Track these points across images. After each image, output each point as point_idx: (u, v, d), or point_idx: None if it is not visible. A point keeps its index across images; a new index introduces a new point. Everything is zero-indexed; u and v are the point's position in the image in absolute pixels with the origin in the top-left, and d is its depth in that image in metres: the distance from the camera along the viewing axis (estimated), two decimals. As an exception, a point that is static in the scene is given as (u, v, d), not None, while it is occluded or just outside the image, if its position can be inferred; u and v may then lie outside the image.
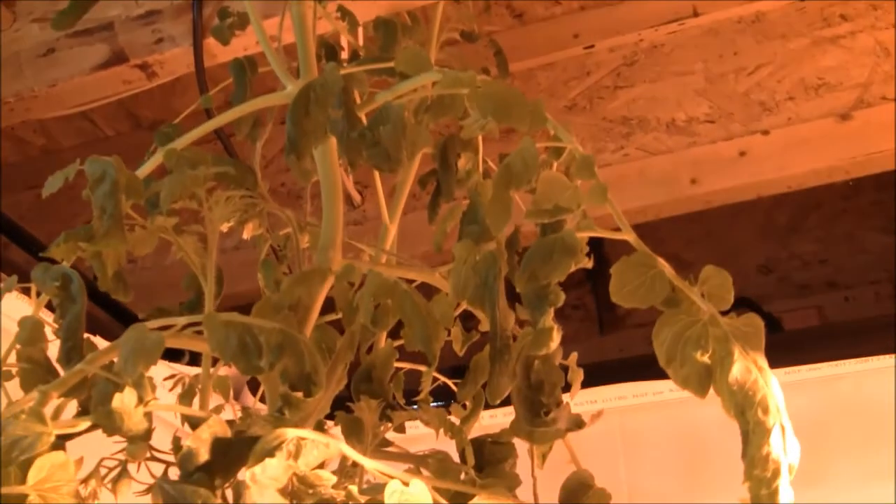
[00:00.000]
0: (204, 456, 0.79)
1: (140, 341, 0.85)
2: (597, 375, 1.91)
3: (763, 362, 0.79)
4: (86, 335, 1.00)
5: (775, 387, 0.78)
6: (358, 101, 1.09)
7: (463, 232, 1.02)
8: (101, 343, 1.49)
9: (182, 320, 0.91)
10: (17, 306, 1.21)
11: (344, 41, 1.53)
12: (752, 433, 0.76)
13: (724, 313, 0.84)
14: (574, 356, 1.09)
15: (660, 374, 0.82)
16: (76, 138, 2.62)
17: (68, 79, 1.76)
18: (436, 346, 0.93)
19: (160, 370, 1.55)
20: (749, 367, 0.78)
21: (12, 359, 1.02)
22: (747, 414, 0.76)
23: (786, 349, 1.97)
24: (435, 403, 1.19)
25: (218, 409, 1.26)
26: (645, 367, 2.00)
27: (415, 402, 1.17)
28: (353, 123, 0.94)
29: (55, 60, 1.79)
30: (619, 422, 2.11)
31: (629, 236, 0.87)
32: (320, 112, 0.94)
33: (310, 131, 0.94)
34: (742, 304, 2.66)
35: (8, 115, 1.85)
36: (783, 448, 0.76)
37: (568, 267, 0.84)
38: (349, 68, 1.00)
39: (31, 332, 1.02)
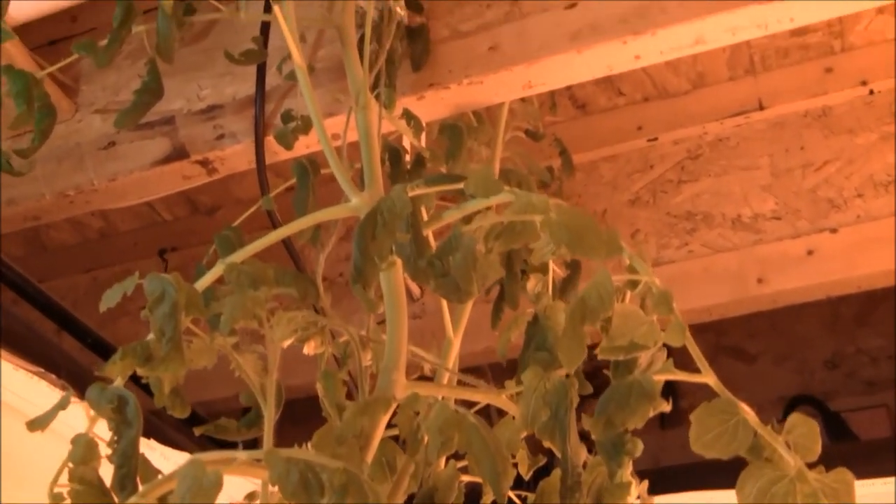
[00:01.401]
0: None
1: (197, 480, 0.81)
2: (660, 483, 1.85)
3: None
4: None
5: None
6: (425, 216, 1.06)
7: (531, 357, 0.99)
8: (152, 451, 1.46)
9: (242, 455, 0.88)
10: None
11: (407, 142, 1.51)
12: None
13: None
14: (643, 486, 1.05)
15: (727, 482, 0.78)
16: (134, 222, 2.62)
17: (128, 173, 1.75)
18: (505, 484, 0.89)
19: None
20: (840, 526, 0.73)
21: (64, 478, 0.99)
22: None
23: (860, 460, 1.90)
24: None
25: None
26: (711, 473, 1.94)
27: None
28: (421, 250, 0.91)
29: (116, 154, 1.78)
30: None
31: (710, 379, 0.83)
32: (388, 237, 0.91)
33: (377, 257, 0.92)
34: (806, 402, 2.59)
35: (67, 206, 1.85)
36: None
37: (646, 413, 0.80)
38: (417, 190, 0.97)
39: (84, 450, 1.00)
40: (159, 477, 0.90)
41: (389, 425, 1.05)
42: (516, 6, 1.58)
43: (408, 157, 1.48)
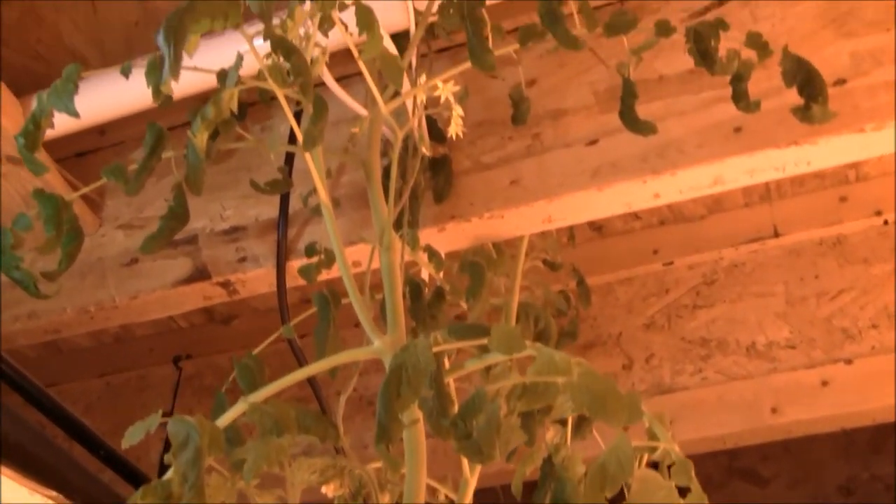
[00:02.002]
0: None
1: None
2: None
3: None
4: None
5: None
6: (446, 363, 1.08)
7: (549, 509, 0.99)
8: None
9: None
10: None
11: (427, 273, 1.53)
12: None
13: None
14: None
15: None
16: (150, 328, 2.63)
17: (150, 292, 1.77)
18: None
19: None
20: None
21: None
22: None
23: None
24: None
25: None
26: None
27: None
28: (444, 408, 0.92)
29: (138, 271, 1.80)
30: None
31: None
32: (412, 395, 0.92)
33: (401, 413, 0.93)
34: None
35: (88, 322, 1.86)
36: None
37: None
38: (443, 345, 0.98)
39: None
40: None
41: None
42: (538, 140, 1.61)
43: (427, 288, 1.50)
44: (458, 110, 1.33)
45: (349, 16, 1.21)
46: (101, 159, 2.01)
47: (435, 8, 1.51)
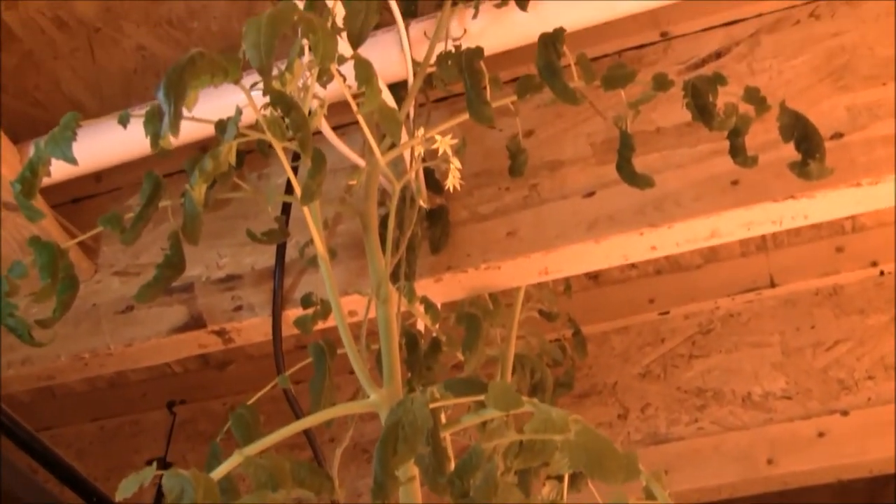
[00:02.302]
0: None
1: None
2: None
3: None
4: None
5: None
6: (442, 420, 1.07)
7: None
8: None
9: None
10: None
11: (423, 324, 1.52)
12: None
13: None
14: None
15: None
16: (144, 373, 2.62)
17: (145, 339, 1.77)
18: None
19: None
20: None
21: None
22: None
23: None
24: None
25: None
26: None
27: None
28: (441, 465, 0.92)
29: (133, 319, 1.80)
30: None
31: None
32: (409, 452, 0.92)
33: (397, 470, 0.92)
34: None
35: (82, 368, 1.86)
36: None
37: None
38: (440, 401, 0.98)
39: None
40: None
41: None
42: (535, 191, 1.61)
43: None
44: (455, 163, 1.33)
45: (347, 67, 1.22)
46: (97, 205, 2.01)
47: (433, 59, 1.51)
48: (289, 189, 1.67)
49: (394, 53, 1.55)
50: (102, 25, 1.90)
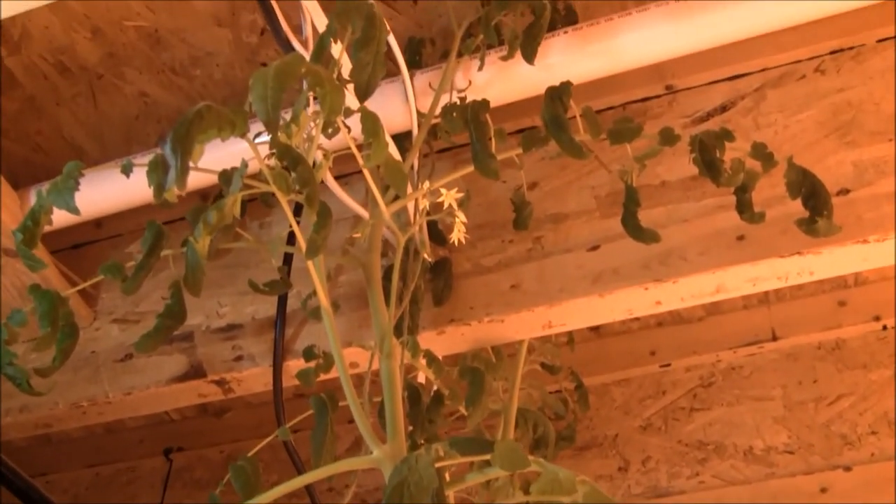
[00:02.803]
0: None
1: None
2: None
3: None
4: None
5: None
6: (447, 478, 1.06)
7: None
8: None
9: None
10: None
11: (425, 376, 1.51)
12: None
13: None
14: None
15: None
16: (141, 419, 2.60)
17: (144, 388, 1.75)
18: None
19: None
20: None
21: None
22: None
23: None
24: None
25: None
26: None
27: None
28: (446, 527, 0.90)
29: (132, 367, 1.78)
30: None
31: None
32: (413, 512, 0.91)
33: (401, 532, 0.91)
34: None
35: (80, 416, 1.84)
36: None
37: None
38: (445, 460, 0.97)
39: None
40: None
41: None
42: (539, 244, 1.60)
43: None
44: (461, 217, 1.32)
45: (352, 117, 1.21)
46: (97, 251, 2.00)
47: (438, 110, 1.51)
48: (291, 239, 1.66)
49: (398, 104, 1.55)
50: (105, 72, 1.90)
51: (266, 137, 1.11)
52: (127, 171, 1.27)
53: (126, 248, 1.98)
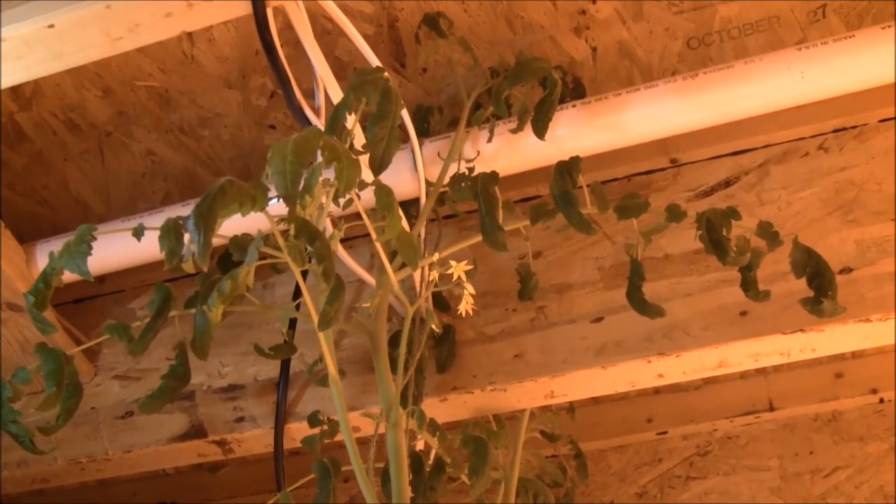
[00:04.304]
0: None
1: None
2: None
3: None
4: None
5: None
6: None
7: None
8: None
9: None
10: None
11: (424, 443, 1.51)
12: None
13: None
14: None
15: None
16: (135, 472, 2.59)
17: (144, 446, 1.75)
18: None
19: None
20: None
21: None
22: None
23: None
24: None
25: None
26: None
27: None
28: None
29: (133, 425, 1.78)
30: None
31: None
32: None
33: None
34: None
35: (78, 473, 1.84)
36: None
37: None
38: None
39: None
40: None
41: None
42: (542, 313, 1.61)
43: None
44: (469, 289, 1.33)
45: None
46: (99, 306, 2.00)
47: (446, 179, 1.52)
48: (296, 299, 1.67)
49: (406, 172, 1.57)
50: (113, 129, 1.91)
51: (277, 201, 1.11)
52: (139, 234, 1.28)
53: (128, 303, 1.98)
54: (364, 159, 1.25)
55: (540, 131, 1.47)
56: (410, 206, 1.61)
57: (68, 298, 2.01)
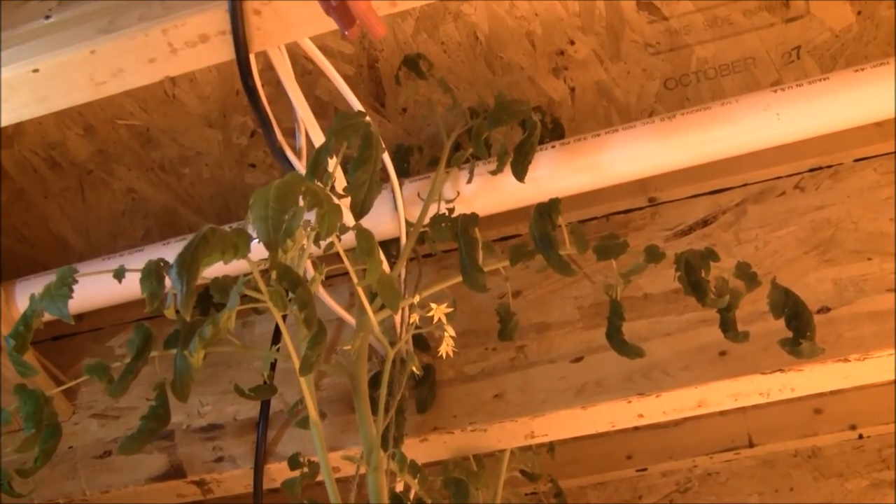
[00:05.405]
0: None
1: None
2: None
3: None
4: None
5: None
6: None
7: None
8: None
9: None
10: None
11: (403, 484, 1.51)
12: None
13: None
14: None
15: None
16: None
17: (122, 486, 1.74)
18: None
19: None
20: None
21: None
22: None
23: None
24: None
25: None
26: None
27: None
28: None
29: (111, 465, 1.78)
30: None
31: None
32: None
33: None
34: None
35: (56, 514, 1.83)
36: None
37: None
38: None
39: None
40: None
41: None
42: (522, 353, 1.62)
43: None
44: (450, 331, 1.33)
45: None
46: (77, 344, 2.00)
47: (427, 219, 1.53)
48: (275, 339, 1.67)
49: (386, 212, 1.57)
50: (94, 167, 1.91)
51: (258, 242, 1.11)
52: (119, 276, 1.28)
53: (107, 341, 1.98)
54: (345, 202, 1.26)
55: (520, 174, 1.47)
56: (390, 245, 1.61)
57: (46, 336, 2.00)
